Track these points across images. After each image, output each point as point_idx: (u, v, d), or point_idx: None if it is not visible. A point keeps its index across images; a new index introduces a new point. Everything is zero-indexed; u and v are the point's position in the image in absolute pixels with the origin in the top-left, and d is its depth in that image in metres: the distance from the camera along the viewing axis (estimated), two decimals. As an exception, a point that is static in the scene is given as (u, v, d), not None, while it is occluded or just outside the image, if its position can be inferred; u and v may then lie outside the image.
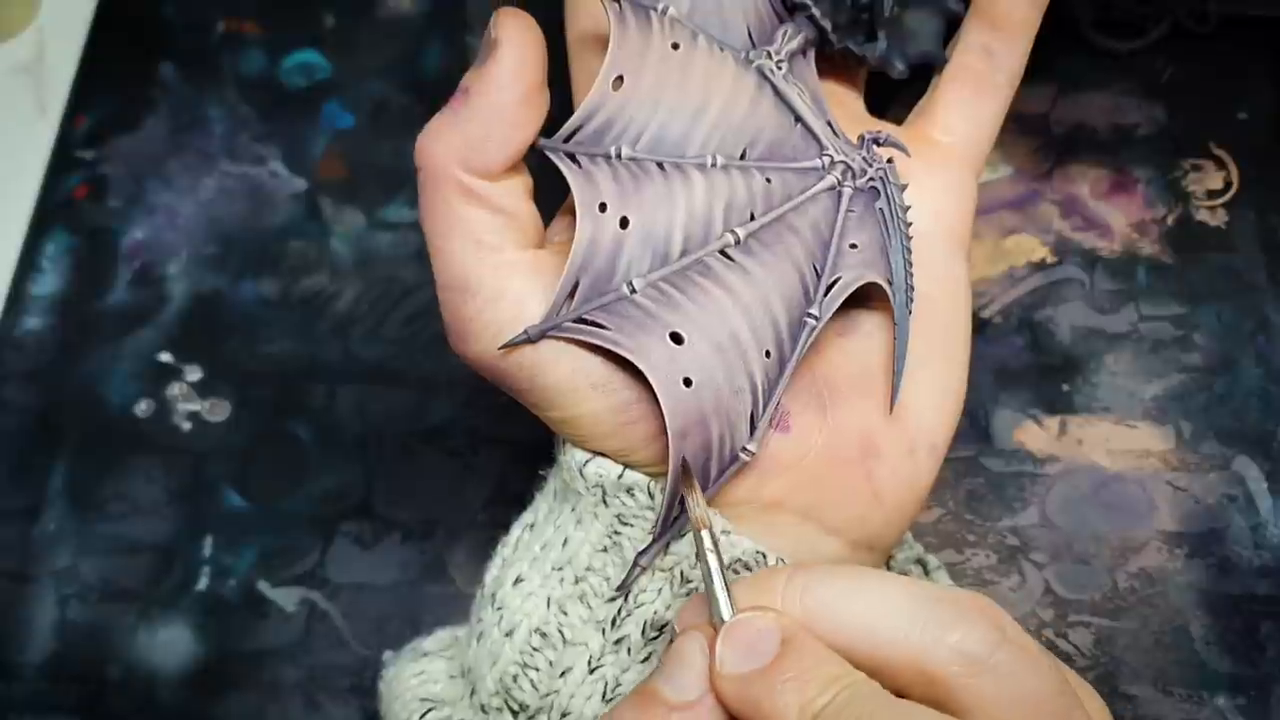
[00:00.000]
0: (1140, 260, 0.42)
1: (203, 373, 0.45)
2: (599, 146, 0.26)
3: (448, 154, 0.25)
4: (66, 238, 0.47)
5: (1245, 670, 0.36)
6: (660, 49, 0.26)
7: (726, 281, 0.26)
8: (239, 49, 0.50)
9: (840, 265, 0.27)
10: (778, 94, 0.28)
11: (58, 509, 0.43)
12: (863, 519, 0.27)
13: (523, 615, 0.27)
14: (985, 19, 0.30)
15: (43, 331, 0.46)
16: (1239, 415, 0.40)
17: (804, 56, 0.29)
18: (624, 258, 0.25)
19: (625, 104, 0.26)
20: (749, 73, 0.28)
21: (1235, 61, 0.45)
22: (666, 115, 0.26)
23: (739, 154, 0.27)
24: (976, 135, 0.31)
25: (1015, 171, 0.44)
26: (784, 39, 0.29)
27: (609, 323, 0.25)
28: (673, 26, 0.27)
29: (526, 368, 0.25)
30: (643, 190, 0.26)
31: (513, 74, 0.25)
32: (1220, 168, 0.43)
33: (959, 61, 0.31)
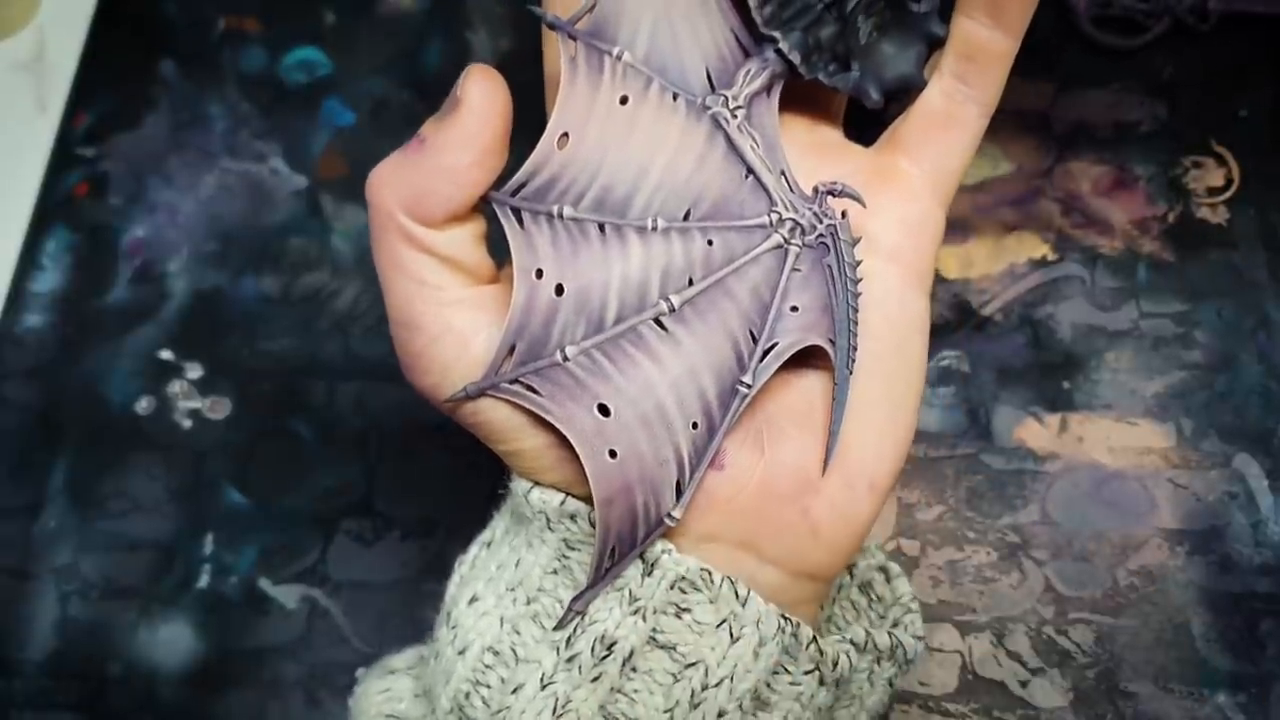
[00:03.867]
0: (1141, 257, 0.42)
1: (203, 370, 0.45)
2: (543, 204, 0.26)
3: (394, 199, 0.26)
4: (67, 235, 0.47)
5: (1245, 668, 0.36)
6: (607, 103, 0.26)
7: (657, 353, 0.26)
8: (239, 46, 0.50)
9: (778, 330, 0.27)
10: (730, 145, 0.27)
11: (58, 506, 0.43)
12: (800, 552, 0.27)
13: (476, 634, 0.27)
14: (961, 48, 0.29)
15: (43, 329, 0.46)
16: (1240, 412, 0.40)
17: (767, 96, 0.28)
18: (558, 324, 0.26)
19: (569, 162, 0.26)
20: (701, 123, 0.27)
21: (1236, 59, 0.45)
22: (610, 175, 0.26)
23: (683, 214, 0.27)
24: (946, 167, 0.30)
25: (1016, 169, 0.44)
26: (746, 79, 0.28)
27: (542, 388, 0.25)
28: (625, 75, 0.27)
29: (469, 410, 0.26)
30: (580, 256, 0.26)
31: (469, 138, 0.26)
32: (1221, 165, 0.43)
33: (932, 90, 0.29)
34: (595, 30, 0.27)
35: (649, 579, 0.26)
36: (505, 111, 0.26)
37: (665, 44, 0.27)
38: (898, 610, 0.31)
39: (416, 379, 0.27)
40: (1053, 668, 0.37)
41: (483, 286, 0.27)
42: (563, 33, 0.26)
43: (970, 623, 0.38)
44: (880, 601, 0.32)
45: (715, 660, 0.26)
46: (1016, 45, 0.29)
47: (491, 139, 0.26)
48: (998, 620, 0.38)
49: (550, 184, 0.26)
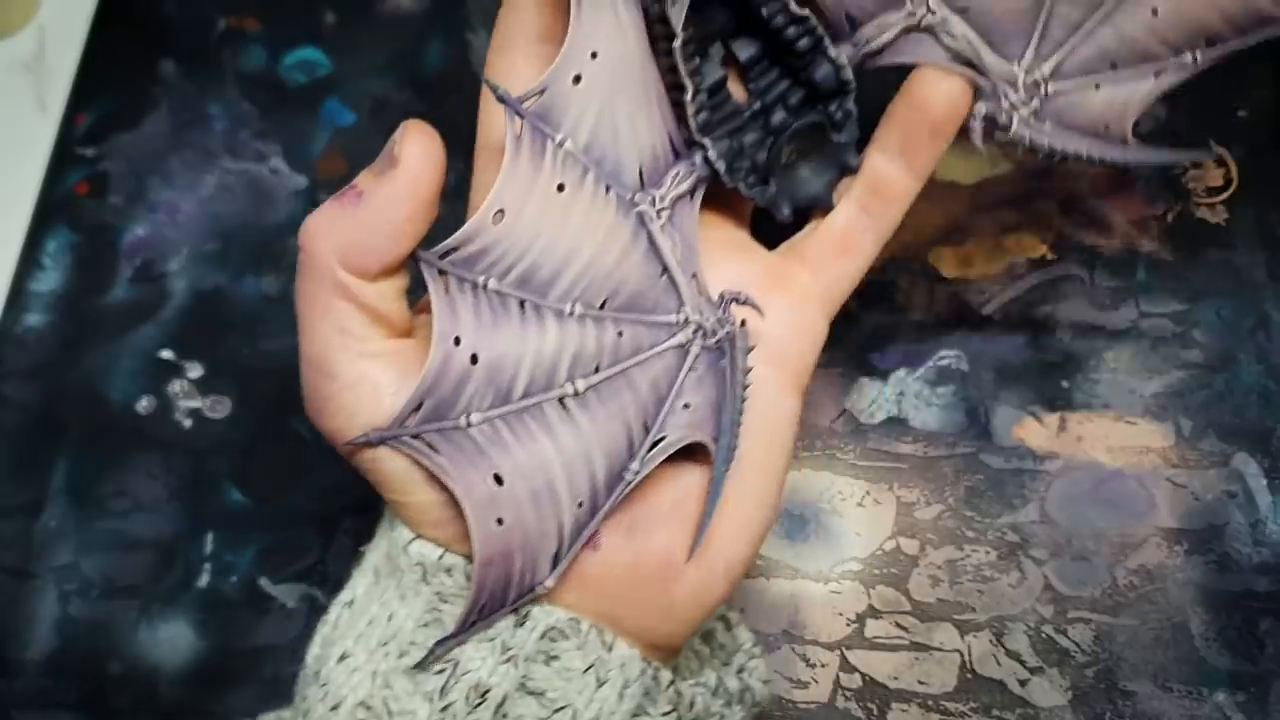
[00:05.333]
0: (1140, 257, 0.42)
1: (204, 370, 0.45)
2: (470, 272, 0.27)
3: (328, 248, 0.27)
4: (67, 235, 0.48)
5: (1245, 667, 0.37)
6: (546, 188, 0.27)
7: (556, 432, 0.27)
8: (240, 46, 0.51)
9: (669, 424, 0.28)
10: (651, 243, 0.29)
11: (59, 505, 0.43)
12: (654, 628, 0.29)
13: (348, 689, 0.28)
14: (870, 182, 0.31)
15: (44, 328, 0.46)
16: (1239, 412, 0.40)
17: (690, 198, 0.30)
18: (468, 390, 0.27)
19: (502, 238, 0.27)
20: (628, 219, 0.28)
21: (1235, 59, 0.45)
22: (538, 256, 0.27)
23: (600, 303, 0.28)
24: (837, 285, 0.32)
25: (1015, 168, 0.44)
26: (674, 181, 0.29)
27: (443, 449, 0.27)
28: (565, 163, 0.28)
29: (369, 456, 0.27)
30: (498, 329, 0.27)
31: (405, 194, 0.27)
32: (1220, 165, 0.43)
33: (838, 214, 0.32)
34: (542, 113, 0.27)
35: (520, 629, 0.27)
36: (440, 168, 0.27)
37: (606, 138, 0.28)
38: (741, 657, 0.33)
39: (321, 420, 0.28)
40: (1052, 667, 0.37)
41: (400, 340, 0.28)
42: (512, 110, 0.27)
43: (969, 621, 0.38)
44: (723, 649, 0.33)
45: (583, 704, 0.27)
46: (919, 187, 0.32)
47: (427, 197, 0.27)
48: (997, 619, 0.38)
49: (481, 254, 0.27)
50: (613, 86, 0.28)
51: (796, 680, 0.38)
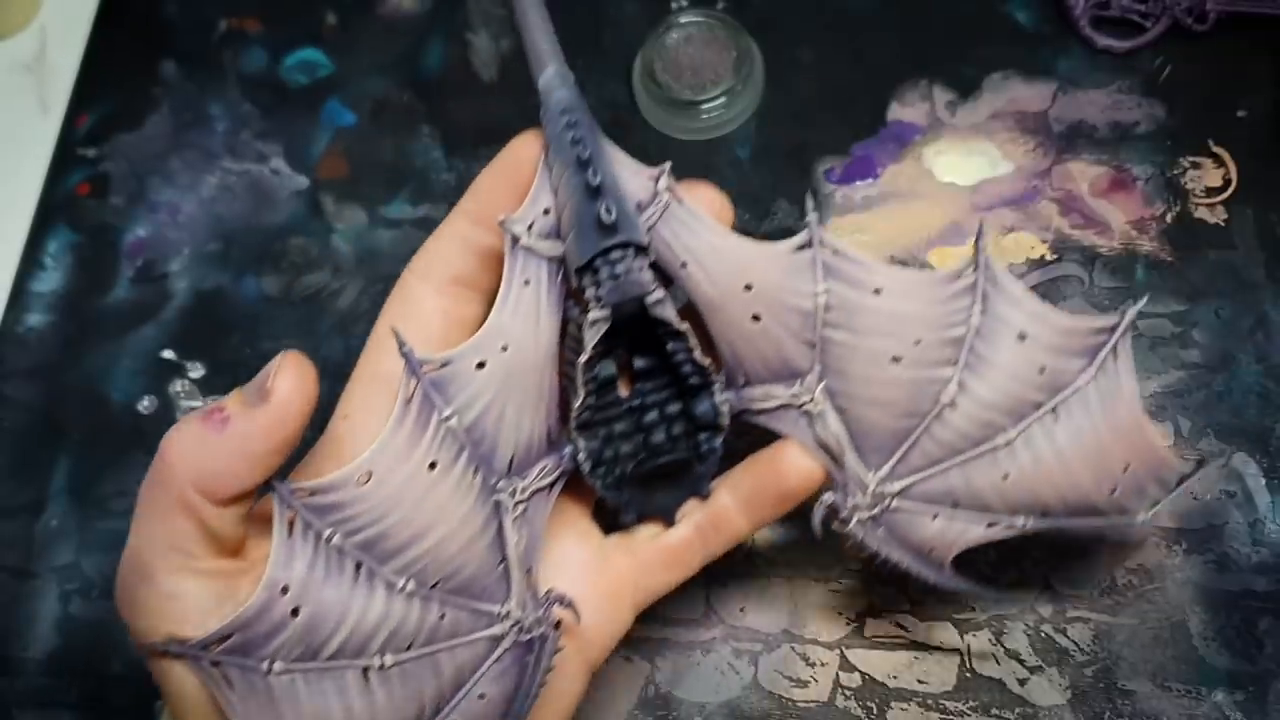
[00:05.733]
0: (1139, 257, 0.42)
1: (205, 369, 0.45)
2: (320, 520, 0.27)
3: (185, 468, 0.27)
4: (69, 235, 0.48)
5: (1243, 666, 0.37)
6: (419, 463, 0.28)
7: (351, 700, 0.28)
8: (240, 47, 0.51)
9: (458, 710, 0.29)
10: (499, 533, 0.30)
11: (60, 505, 0.43)
12: None
13: None
14: (712, 515, 0.33)
15: (45, 328, 0.46)
16: (1238, 412, 0.40)
17: (549, 491, 0.31)
18: (280, 639, 0.27)
19: (362, 500, 0.27)
20: (485, 506, 0.30)
21: (1234, 59, 0.45)
22: (390, 527, 0.28)
23: (433, 583, 0.29)
24: (655, 589, 0.34)
25: (1015, 169, 0.44)
26: (540, 474, 0.31)
27: (237, 685, 0.27)
28: (444, 440, 0.28)
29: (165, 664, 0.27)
30: (327, 586, 0.27)
31: (270, 428, 0.27)
32: (1219, 165, 0.44)
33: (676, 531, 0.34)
34: (439, 384, 0.28)
35: None
36: (310, 403, 0.27)
37: (489, 424, 0.29)
38: None
39: (126, 614, 0.28)
40: (1051, 666, 0.37)
41: (229, 560, 0.28)
42: (410, 370, 0.28)
43: (969, 620, 0.38)
44: None
45: None
46: (754, 533, 0.34)
47: (292, 431, 0.27)
48: (996, 618, 0.38)
49: (336, 507, 0.27)
50: (510, 380, 0.29)
51: (796, 679, 0.38)
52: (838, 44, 0.48)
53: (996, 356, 0.31)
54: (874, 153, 0.46)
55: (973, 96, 0.46)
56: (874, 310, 0.31)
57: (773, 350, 0.31)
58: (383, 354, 0.31)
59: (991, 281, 0.31)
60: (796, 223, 0.44)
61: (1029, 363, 0.31)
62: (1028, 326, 0.31)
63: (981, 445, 0.31)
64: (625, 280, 0.29)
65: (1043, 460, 0.31)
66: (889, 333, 0.31)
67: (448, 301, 0.32)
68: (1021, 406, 0.31)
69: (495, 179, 0.31)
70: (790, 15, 0.48)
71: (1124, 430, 0.31)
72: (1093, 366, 0.31)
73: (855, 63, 0.47)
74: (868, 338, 0.31)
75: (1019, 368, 0.31)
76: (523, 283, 0.29)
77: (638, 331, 0.31)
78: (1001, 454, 0.31)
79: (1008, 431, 0.31)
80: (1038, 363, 0.31)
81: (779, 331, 0.31)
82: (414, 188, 0.47)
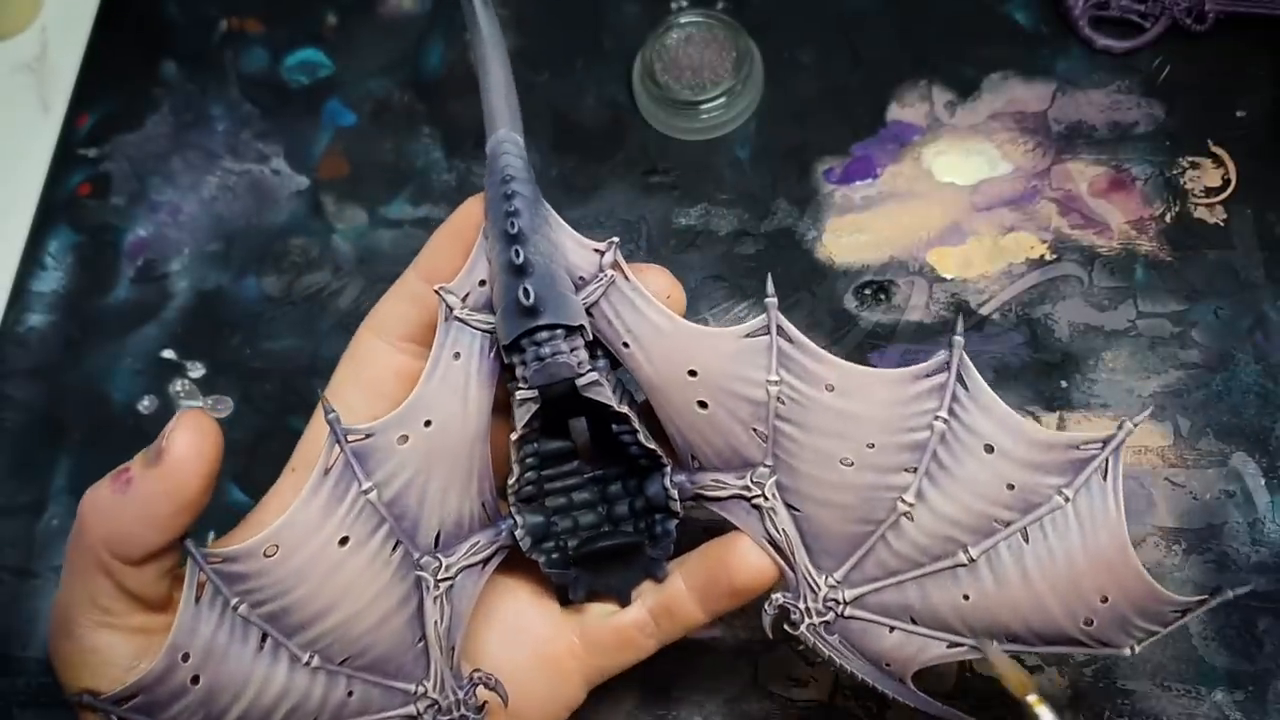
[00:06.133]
0: (1138, 257, 0.43)
1: (205, 369, 0.45)
2: (229, 587, 0.27)
3: (96, 529, 0.27)
4: (70, 235, 0.48)
5: (1243, 665, 0.37)
6: (328, 539, 0.27)
7: None
8: (241, 47, 0.51)
9: None
10: (419, 610, 0.29)
11: (61, 505, 0.43)
12: None
13: None
14: (668, 601, 0.32)
15: (46, 328, 0.46)
16: (1237, 411, 0.40)
17: (482, 568, 0.30)
18: (179, 705, 0.27)
19: (267, 572, 0.27)
20: (404, 581, 0.29)
21: (1233, 60, 0.45)
22: (294, 602, 0.27)
23: (341, 659, 0.28)
24: (607, 668, 0.33)
25: (1014, 169, 0.44)
26: (470, 550, 0.30)
27: None
28: (361, 513, 0.28)
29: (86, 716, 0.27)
30: (229, 657, 0.27)
31: (169, 489, 0.26)
32: (1218, 165, 0.44)
33: (630, 612, 0.33)
34: (361, 454, 0.28)
35: None
36: (212, 458, 0.27)
37: (412, 500, 0.29)
38: None
39: (54, 664, 0.28)
40: (1051, 665, 0.37)
41: (153, 615, 0.28)
42: (334, 438, 0.27)
43: (968, 620, 0.38)
44: None
45: None
46: (708, 622, 0.33)
47: (195, 491, 0.27)
48: (996, 618, 0.38)
49: (243, 577, 0.27)
50: (435, 456, 0.28)
51: (796, 679, 0.38)
52: (837, 44, 0.48)
53: (960, 468, 0.29)
54: (873, 153, 0.46)
55: (972, 97, 0.46)
56: (824, 408, 0.29)
57: (722, 438, 0.30)
58: (307, 444, 0.31)
59: (963, 385, 0.28)
60: (796, 222, 0.44)
61: (996, 477, 0.28)
62: (997, 438, 0.28)
63: (940, 561, 0.29)
64: (551, 363, 0.28)
65: (1007, 584, 0.29)
66: (839, 433, 0.29)
67: (403, 359, 0.31)
68: (986, 524, 0.29)
69: (446, 240, 0.31)
70: (790, 16, 0.48)
71: (1105, 559, 0.28)
72: (1072, 486, 0.28)
73: (855, 63, 0.47)
74: (817, 436, 0.29)
75: (984, 482, 0.28)
76: (452, 356, 0.29)
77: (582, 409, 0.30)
78: (962, 573, 0.29)
79: (969, 550, 0.29)
80: (1006, 477, 0.28)
81: (728, 420, 0.29)
82: (414, 188, 0.47)
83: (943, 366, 0.29)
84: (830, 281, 0.43)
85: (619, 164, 0.47)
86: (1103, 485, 0.29)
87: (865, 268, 0.44)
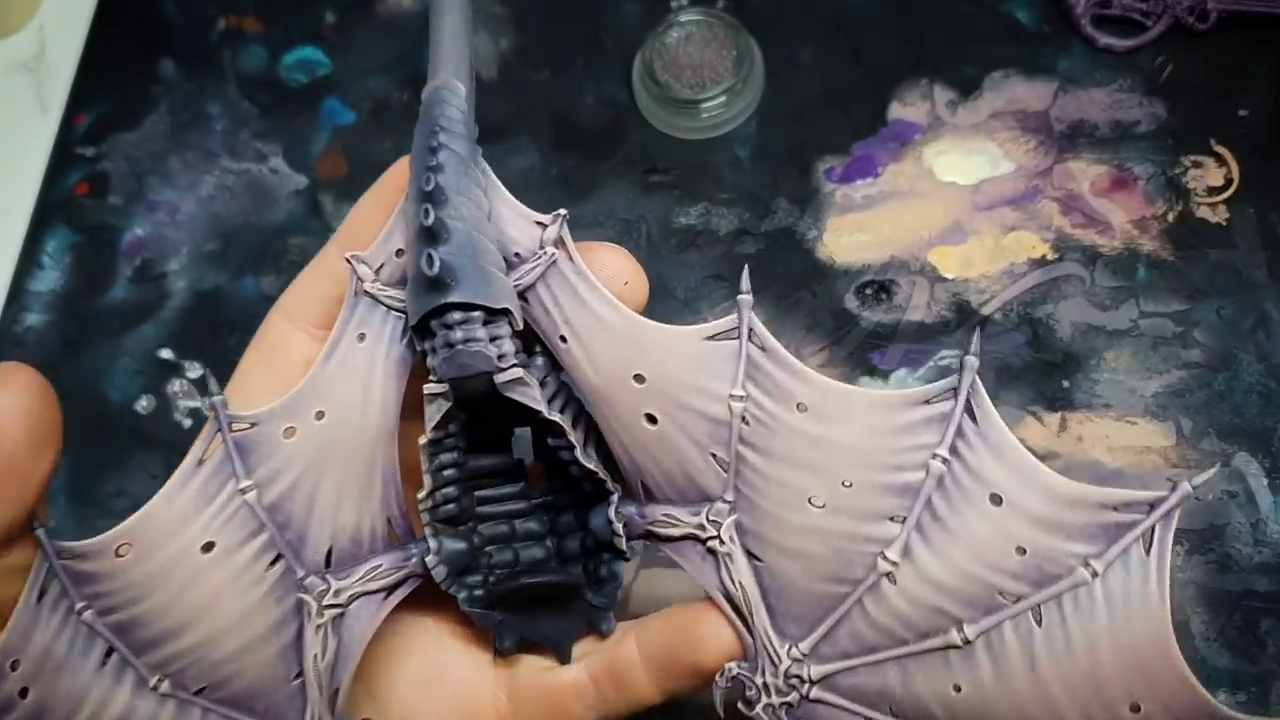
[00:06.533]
0: (1141, 257, 0.42)
1: (203, 369, 0.45)
2: (76, 589, 0.24)
3: None
4: (67, 234, 0.48)
5: (1245, 666, 0.36)
6: (189, 542, 0.24)
7: None
8: (239, 45, 0.50)
9: None
10: (297, 641, 0.24)
11: (59, 506, 0.43)
12: None
13: None
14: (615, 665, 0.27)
15: (43, 328, 0.46)
16: (1239, 412, 0.40)
17: (384, 597, 0.25)
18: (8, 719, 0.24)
19: (117, 575, 0.24)
20: (282, 604, 0.24)
21: (1235, 58, 0.45)
22: (145, 613, 0.24)
23: (197, 688, 0.24)
24: None
25: (1016, 168, 0.44)
26: (370, 574, 0.25)
27: None
28: (234, 517, 0.24)
29: None
30: (66, 671, 0.24)
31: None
32: (1221, 164, 0.43)
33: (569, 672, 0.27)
34: (244, 446, 0.24)
35: None
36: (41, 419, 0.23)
37: (298, 506, 0.24)
38: None
39: None
40: None
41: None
42: (217, 424, 0.24)
43: (970, 622, 0.38)
44: None
45: None
46: (663, 700, 0.27)
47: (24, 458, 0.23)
48: (997, 619, 0.38)
49: (91, 578, 0.24)
50: (328, 456, 0.24)
51: (796, 680, 0.38)
52: (838, 43, 0.48)
53: (959, 522, 0.23)
54: (874, 152, 0.45)
55: (973, 95, 0.46)
56: (794, 432, 0.24)
57: (674, 463, 0.25)
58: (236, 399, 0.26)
59: (971, 418, 0.23)
60: (797, 222, 0.44)
61: (1004, 537, 0.23)
62: (1009, 487, 0.23)
63: (928, 639, 0.24)
64: (463, 351, 0.23)
65: (1010, 677, 0.23)
66: (810, 466, 0.24)
67: (319, 348, 0.25)
68: (987, 596, 0.23)
69: (372, 207, 0.27)
70: (790, 14, 0.48)
71: (1139, 656, 0.22)
72: (1103, 558, 0.22)
73: (855, 61, 0.47)
74: (785, 468, 0.24)
75: (989, 542, 0.23)
76: (356, 337, 0.24)
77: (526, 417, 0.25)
78: (954, 657, 0.23)
79: (965, 628, 0.23)
80: (1016, 539, 0.23)
81: (681, 440, 0.24)
82: (413, 187, 0.47)
83: (948, 392, 0.23)
84: (831, 281, 0.43)
85: (619, 163, 0.46)
86: (1143, 561, 0.22)
87: (866, 267, 0.43)
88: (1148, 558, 0.22)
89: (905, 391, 0.23)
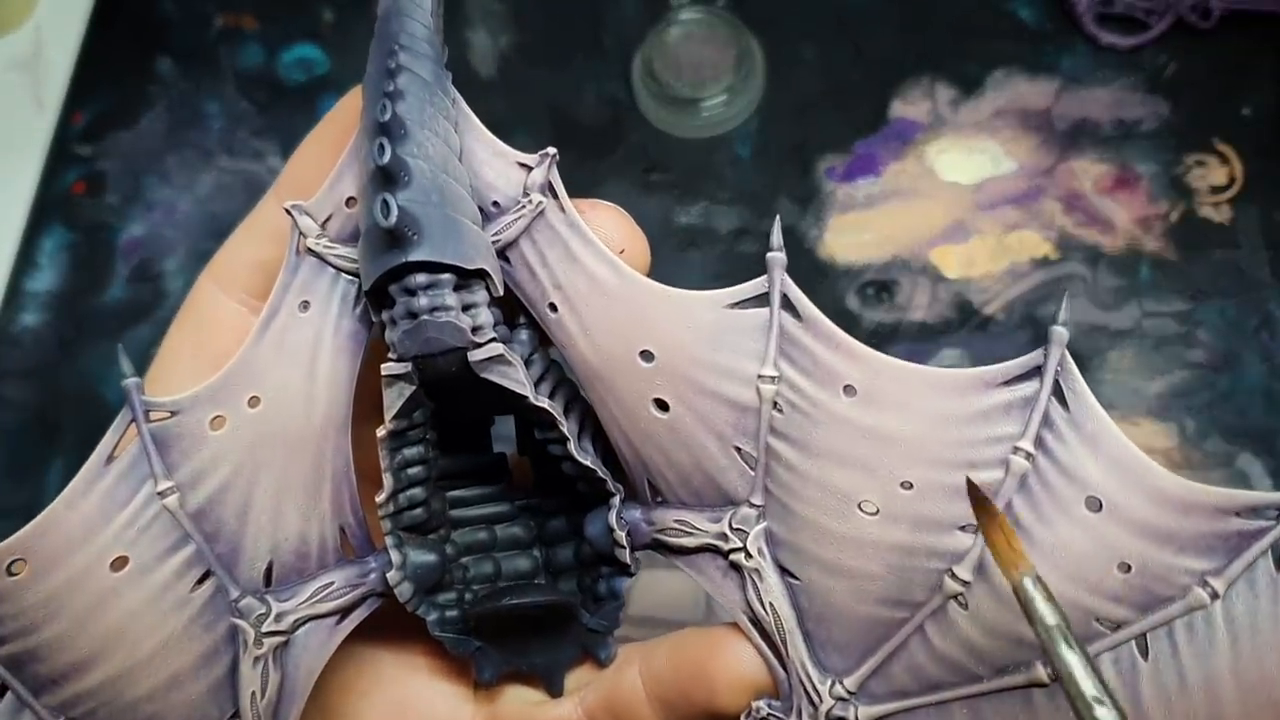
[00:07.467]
0: (1143, 256, 0.42)
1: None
2: None
3: None
4: (64, 234, 0.47)
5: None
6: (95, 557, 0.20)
7: None
8: (237, 44, 0.50)
9: None
10: (232, 674, 0.20)
11: (55, 506, 0.42)
12: None
13: None
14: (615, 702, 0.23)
15: (40, 328, 0.46)
16: (1243, 412, 0.40)
17: (336, 621, 0.21)
18: None
19: (13, 594, 0.20)
20: (214, 630, 0.20)
21: (1238, 57, 0.45)
22: (45, 642, 0.20)
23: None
24: None
25: (1018, 167, 0.44)
26: (320, 594, 0.21)
27: None
28: (151, 526, 0.20)
29: None
30: None
31: None
32: (1224, 163, 0.43)
33: (560, 707, 0.24)
34: (161, 440, 0.20)
35: None
36: None
37: (230, 509, 0.20)
38: None
39: None
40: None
41: None
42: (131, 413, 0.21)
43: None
44: None
45: None
46: None
47: None
48: (1000, 621, 0.38)
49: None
50: (264, 451, 0.20)
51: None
52: (839, 41, 0.47)
53: (1048, 532, 0.19)
54: (876, 150, 0.45)
55: (975, 94, 0.46)
56: (840, 422, 0.20)
57: (689, 458, 0.21)
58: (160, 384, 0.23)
59: (1061, 403, 0.19)
60: (798, 221, 0.44)
61: (1104, 550, 0.19)
62: (1109, 489, 0.19)
63: (1006, 675, 0.19)
64: (429, 322, 0.19)
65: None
66: (856, 462, 0.20)
67: (254, 319, 0.21)
68: (1081, 623, 0.19)
69: (317, 149, 0.22)
70: (791, 12, 0.48)
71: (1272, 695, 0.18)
72: (1223, 575, 0.18)
73: (857, 60, 0.47)
74: (829, 466, 0.20)
75: (1085, 556, 0.19)
76: (299, 305, 0.20)
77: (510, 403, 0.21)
78: (1038, 696, 0.19)
79: None
80: (1119, 552, 0.19)
81: (697, 431, 0.20)
82: (412, 186, 0.47)
83: (1032, 370, 0.20)
84: (832, 280, 0.43)
85: (618, 161, 0.46)
86: (1274, 579, 0.18)
87: (868, 266, 0.43)
88: (1278, 575, 0.19)
89: (979, 370, 0.19)
